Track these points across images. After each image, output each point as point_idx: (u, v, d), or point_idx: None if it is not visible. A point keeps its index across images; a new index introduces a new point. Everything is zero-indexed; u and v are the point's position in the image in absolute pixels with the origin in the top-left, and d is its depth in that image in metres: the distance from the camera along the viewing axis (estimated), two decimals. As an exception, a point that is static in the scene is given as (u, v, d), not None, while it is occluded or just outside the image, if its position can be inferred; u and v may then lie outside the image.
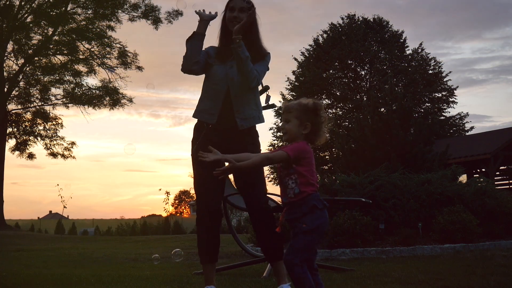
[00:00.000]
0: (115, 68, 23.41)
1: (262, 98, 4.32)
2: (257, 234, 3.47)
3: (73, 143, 25.28)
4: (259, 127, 3.60)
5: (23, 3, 22.72)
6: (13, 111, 24.36)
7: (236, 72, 3.42)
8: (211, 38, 3.54)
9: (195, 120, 3.57)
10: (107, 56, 24.37)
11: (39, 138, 24.90)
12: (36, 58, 23.68)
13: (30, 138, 24.90)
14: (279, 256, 3.29)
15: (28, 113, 24.92)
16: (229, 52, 3.45)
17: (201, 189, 3.37)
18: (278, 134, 31.61)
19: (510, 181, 19.32)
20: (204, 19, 3.44)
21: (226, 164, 2.63)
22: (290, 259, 2.38)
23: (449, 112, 31.86)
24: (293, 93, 31.15)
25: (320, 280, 2.53)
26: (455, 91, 31.85)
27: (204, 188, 3.35)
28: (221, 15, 3.55)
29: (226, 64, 3.46)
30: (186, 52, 3.43)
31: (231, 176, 4.08)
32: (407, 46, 32.25)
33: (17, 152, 24.61)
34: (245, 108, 3.43)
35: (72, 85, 24.43)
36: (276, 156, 2.49)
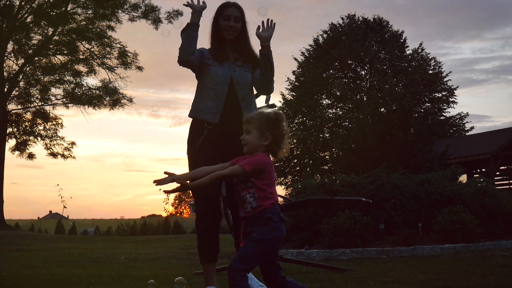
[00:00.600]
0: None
1: (262, 98, 4.32)
2: (238, 234, 3.48)
3: (73, 143, 25.29)
4: None
5: (23, 3, 22.73)
6: (13, 111, 24.36)
7: (240, 76, 3.47)
8: (200, 41, 3.54)
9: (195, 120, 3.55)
10: (107, 56, 24.39)
11: (39, 138, 24.90)
12: (36, 58, 23.68)
13: (30, 138, 24.90)
14: None
15: (28, 113, 24.92)
16: (225, 55, 3.50)
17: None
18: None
19: (510, 181, 19.31)
20: (197, 10, 3.45)
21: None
22: (235, 266, 2.28)
23: (449, 112, 31.87)
24: (293, 93, 31.14)
25: (292, 283, 2.44)
26: (455, 91, 31.86)
27: (201, 189, 3.34)
28: (211, 20, 3.57)
29: (225, 66, 3.49)
30: (182, 43, 3.43)
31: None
32: (407, 46, 32.25)
33: (17, 152, 24.61)
34: (250, 111, 3.45)
35: (72, 85, 24.45)
36: (232, 172, 2.38)
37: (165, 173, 2.39)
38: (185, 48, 3.41)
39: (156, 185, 2.37)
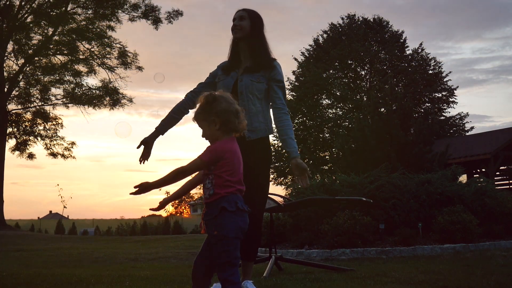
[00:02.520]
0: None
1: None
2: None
3: (73, 143, 25.27)
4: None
5: (23, 3, 22.73)
6: (13, 111, 24.35)
7: (245, 86, 3.48)
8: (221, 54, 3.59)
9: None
10: (107, 56, 24.39)
11: (39, 138, 24.88)
12: (36, 58, 23.68)
13: (30, 138, 24.88)
14: (252, 257, 3.50)
15: (28, 113, 24.91)
16: (234, 64, 3.57)
17: None
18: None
19: (510, 181, 19.32)
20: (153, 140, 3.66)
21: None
22: (225, 277, 2.24)
23: (449, 112, 31.91)
24: (293, 93, 31.15)
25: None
26: (455, 91, 31.88)
27: None
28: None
29: (230, 77, 3.54)
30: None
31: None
32: (407, 46, 32.26)
33: (17, 152, 24.59)
34: (252, 120, 3.46)
35: (72, 85, 24.46)
36: (191, 166, 2.33)
37: (135, 187, 2.35)
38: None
39: (132, 193, 2.36)
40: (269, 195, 5.49)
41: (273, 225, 5.42)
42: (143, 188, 2.33)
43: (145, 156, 3.59)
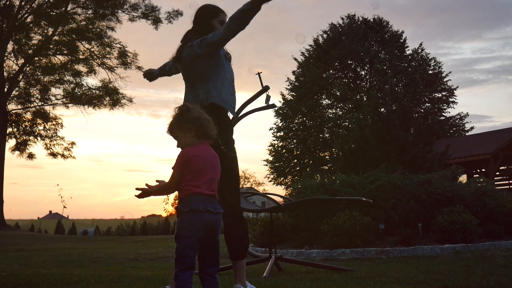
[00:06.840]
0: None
1: (262, 98, 4.31)
2: (225, 236, 3.31)
3: (73, 143, 25.28)
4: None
5: (23, 3, 22.75)
6: (13, 111, 24.35)
7: None
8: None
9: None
10: (107, 56, 24.40)
11: (39, 138, 24.89)
12: (36, 58, 23.69)
13: (30, 138, 24.89)
14: (234, 255, 3.25)
15: (28, 113, 24.92)
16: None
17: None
18: (278, 134, 31.64)
19: (510, 181, 19.32)
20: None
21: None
22: (176, 273, 2.35)
23: (449, 112, 31.97)
24: (293, 93, 31.16)
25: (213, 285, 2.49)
26: (455, 91, 31.90)
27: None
28: (201, 16, 3.59)
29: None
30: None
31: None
32: (407, 46, 32.28)
33: (17, 152, 24.60)
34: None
35: (72, 85, 24.46)
36: (171, 180, 2.45)
37: (137, 189, 2.53)
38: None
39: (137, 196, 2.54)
40: (269, 195, 5.50)
41: (273, 225, 5.42)
42: (145, 192, 2.50)
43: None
